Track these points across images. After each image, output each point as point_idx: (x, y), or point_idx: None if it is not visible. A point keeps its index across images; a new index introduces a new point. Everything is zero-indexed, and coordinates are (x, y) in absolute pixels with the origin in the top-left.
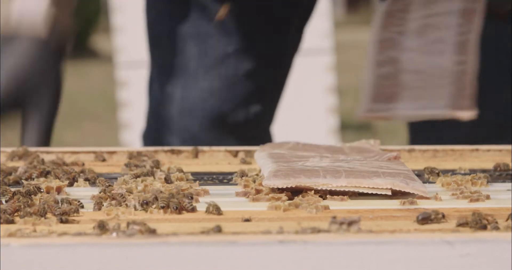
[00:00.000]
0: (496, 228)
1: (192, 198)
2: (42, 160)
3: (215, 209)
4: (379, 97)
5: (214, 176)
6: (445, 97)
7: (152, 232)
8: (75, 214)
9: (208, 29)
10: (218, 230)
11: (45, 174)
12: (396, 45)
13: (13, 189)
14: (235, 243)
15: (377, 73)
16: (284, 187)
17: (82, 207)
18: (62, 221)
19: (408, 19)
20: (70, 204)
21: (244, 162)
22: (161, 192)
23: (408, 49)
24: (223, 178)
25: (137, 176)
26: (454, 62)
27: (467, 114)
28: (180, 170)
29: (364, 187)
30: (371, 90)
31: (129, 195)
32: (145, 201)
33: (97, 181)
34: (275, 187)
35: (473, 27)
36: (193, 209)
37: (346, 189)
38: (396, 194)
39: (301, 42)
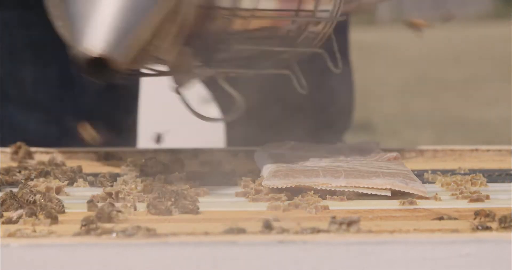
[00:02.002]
0: (496, 228)
1: (193, 200)
2: (43, 160)
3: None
4: None
5: (213, 176)
6: None
7: (152, 232)
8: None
9: None
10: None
11: (45, 174)
12: None
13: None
14: (235, 243)
15: None
16: (284, 187)
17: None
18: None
19: None
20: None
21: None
22: (161, 192)
23: None
24: (222, 178)
25: (136, 176)
26: None
27: None
28: (179, 171)
29: (364, 187)
30: None
31: (129, 195)
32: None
33: (97, 181)
34: (275, 187)
35: None
36: (195, 211)
37: (346, 189)
38: (395, 194)
39: None
